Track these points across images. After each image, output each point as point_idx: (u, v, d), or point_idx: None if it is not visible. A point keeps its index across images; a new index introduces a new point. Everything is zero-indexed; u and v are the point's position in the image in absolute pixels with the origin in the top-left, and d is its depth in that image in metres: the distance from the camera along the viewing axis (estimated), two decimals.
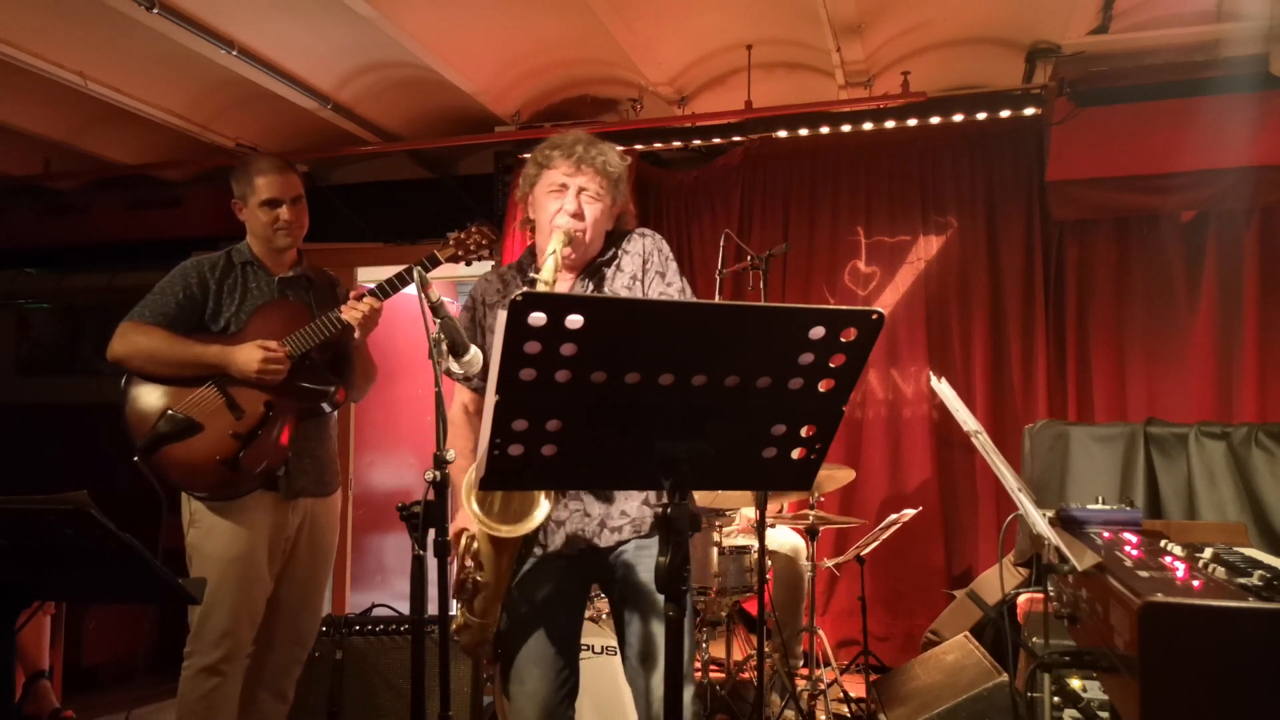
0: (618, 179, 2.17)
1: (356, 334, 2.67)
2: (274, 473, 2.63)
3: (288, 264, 2.82)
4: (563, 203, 2.11)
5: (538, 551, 2.11)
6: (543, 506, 1.95)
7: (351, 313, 2.63)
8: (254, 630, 2.64)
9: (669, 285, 2.17)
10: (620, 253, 2.20)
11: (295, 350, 2.63)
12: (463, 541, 2.01)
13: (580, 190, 2.12)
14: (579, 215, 2.11)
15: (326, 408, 2.79)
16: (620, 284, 2.17)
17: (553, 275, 2.00)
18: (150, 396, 2.62)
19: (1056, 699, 2.14)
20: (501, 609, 2.09)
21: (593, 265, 2.19)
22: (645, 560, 2.06)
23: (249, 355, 2.58)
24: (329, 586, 5.39)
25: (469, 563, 2.03)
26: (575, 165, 2.11)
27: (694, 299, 2.20)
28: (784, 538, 4.18)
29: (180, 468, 2.58)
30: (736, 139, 4.90)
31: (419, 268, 2.22)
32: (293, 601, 2.76)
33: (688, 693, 2.02)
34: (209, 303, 2.70)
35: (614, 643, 3.19)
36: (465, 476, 1.97)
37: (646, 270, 2.18)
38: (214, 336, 2.67)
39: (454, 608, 2.15)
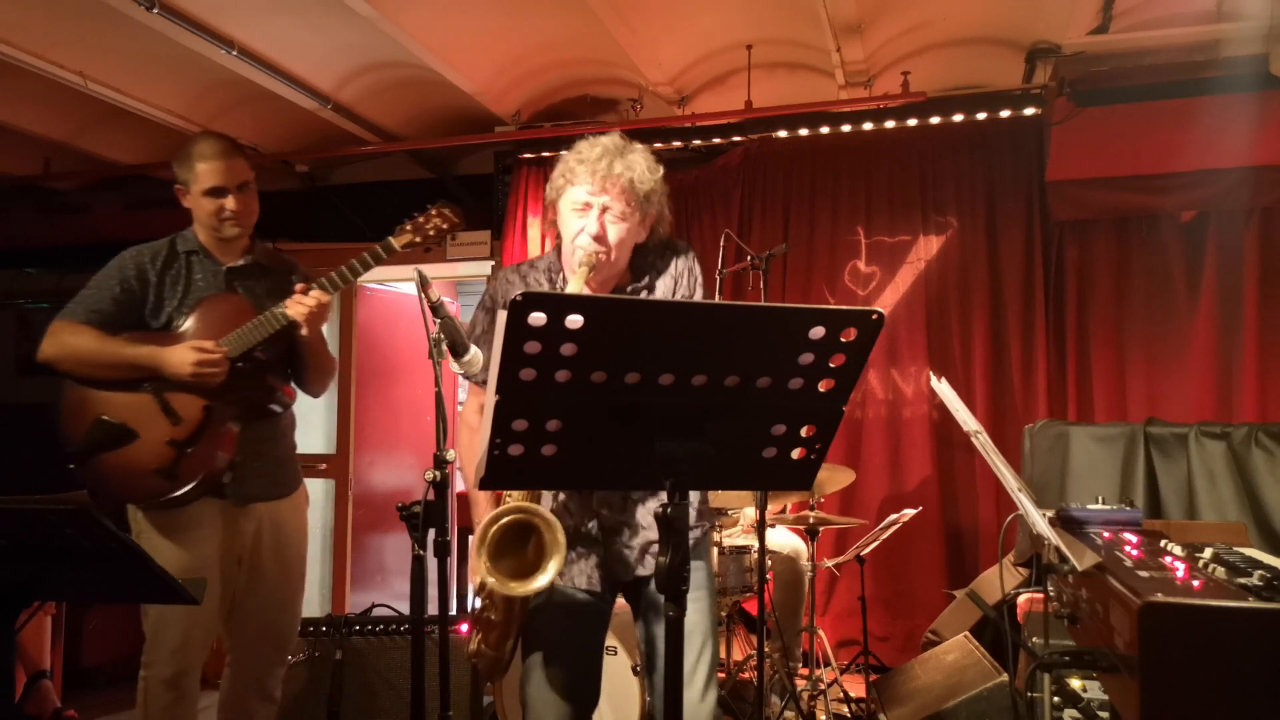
0: (647, 194, 2.05)
1: (304, 330, 2.49)
2: (218, 480, 2.47)
3: (238, 252, 2.62)
4: (585, 223, 2.01)
5: (561, 582, 2.05)
6: (549, 571, 1.88)
7: (297, 308, 2.46)
8: (208, 644, 2.54)
9: None
10: (654, 276, 2.13)
11: (234, 350, 2.46)
12: (477, 580, 1.96)
13: (604, 210, 2.01)
14: (601, 238, 2.00)
15: (276, 408, 2.61)
16: None
17: None
18: (85, 401, 2.47)
19: (1056, 699, 2.14)
20: (526, 621, 2.07)
21: (621, 287, 2.11)
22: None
23: (182, 357, 2.40)
24: (327, 585, 5.43)
25: (484, 600, 2.01)
26: (600, 184, 2.00)
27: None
28: (784, 539, 4.18)
29: (117, 477, 2.43)
30: (736, 139, 4.90)
31: (419, 269, 2.19)
32: (267, 612, 2.61)
33: (710, 697, 2.02)
34: (149, 296, 2.52)
35: (614, 643, 3.19)
36: (478, 529, 1.93)
37: (675, 294, 2.12)
38: (150, 335, 2.49)
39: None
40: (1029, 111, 4.42)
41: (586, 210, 2.01)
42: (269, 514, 2.59)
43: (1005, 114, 4.46)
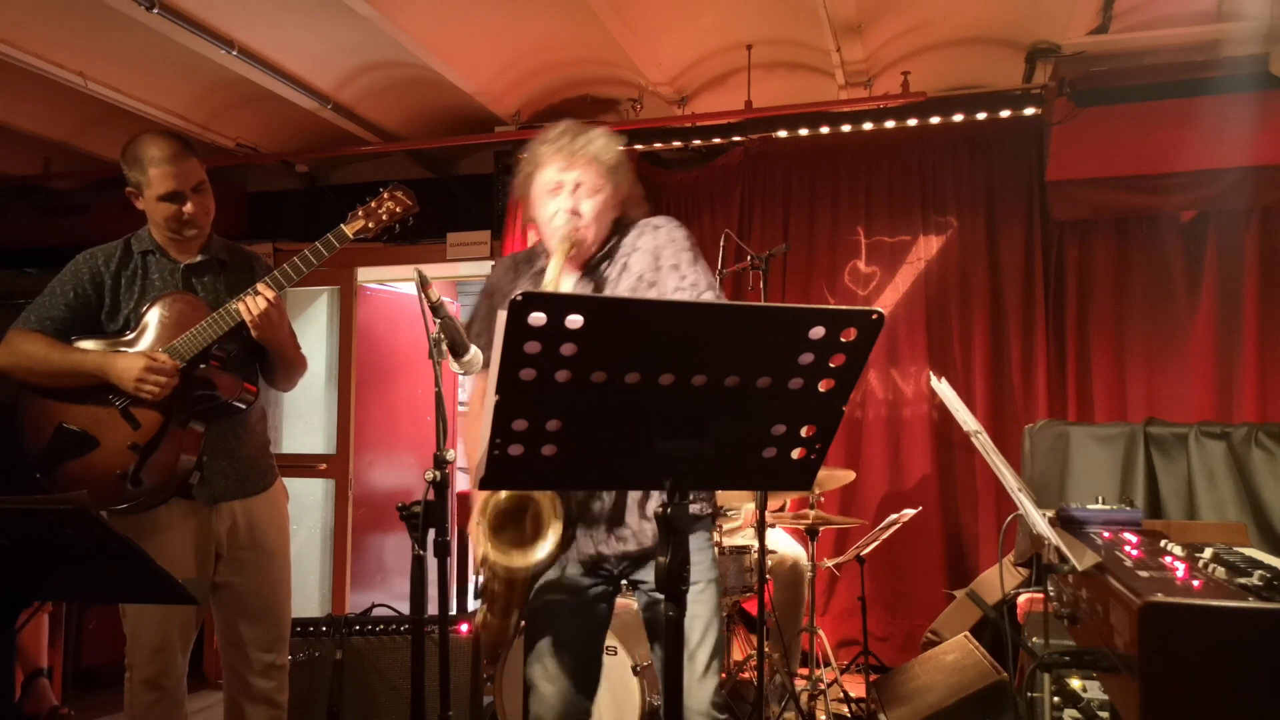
0: (614, 165, 2.10)
1: (253, 332, 2.44)
2: (184, 481, 2.45)
3: (194, 249, 2.57)
4: (559, 202, 2.07)
5: (562, 560, 2.11)
6: (549, 540, 1.96)
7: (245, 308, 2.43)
8: (188, 644, 2.53)
9: (683, 279, 2.08)
10: (628, 249, 2.14)
11: (186, 353, 2.42)
12: (481, 550, 2.01)
13: (576, 186, 2.07)
14: (577, 212, 2.06)
15: (240, 405, 2.54)
16: (625, 285, 2.10)
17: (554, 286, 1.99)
18: (46, 409, 2.43)
19: (1056, 699, 2.14)
20: (528, 604, 2.12)
21: (593, 262, 2.14)
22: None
23: (129, 364, 2.36)
24: (327, 585, 5.43)
25: (487, 572, 2.04)
26: (567, 159, 2.06)
27: (713, 285, 2.11)
28: (785, 547, 4.16)
29: (80, 485, 2.39)
30: (736, 139, 4.89)
31: (418, 269, 2.18)
32: (252, 610, 2.57)
33: (710, 681, 2.05)
34: (105, 299, 2.49)
35: (615, 643, 3.19)
36: (479, 500, 1.99)
37: (660, 267, 2.10)
38: (103, 341, 2.46)
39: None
40: (1029, 111, 4.41)
41: (559, 190, 2.08)
42: (243, 512, 2.56)
43: (1005, 114, 4.45)
